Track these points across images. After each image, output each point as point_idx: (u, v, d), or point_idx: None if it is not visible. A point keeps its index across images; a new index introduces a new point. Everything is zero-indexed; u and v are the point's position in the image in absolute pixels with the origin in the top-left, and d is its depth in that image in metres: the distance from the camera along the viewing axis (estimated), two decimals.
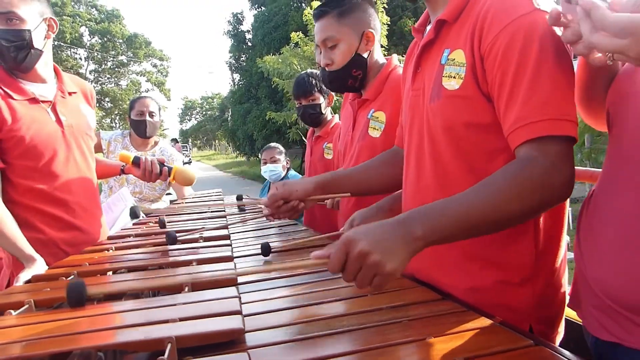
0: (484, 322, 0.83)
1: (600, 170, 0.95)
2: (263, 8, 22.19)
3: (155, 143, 3.05)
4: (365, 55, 1.69)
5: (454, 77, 1.01)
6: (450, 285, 1.05)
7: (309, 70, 2.67)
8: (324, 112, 2.55)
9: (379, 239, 0.81)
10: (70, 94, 1.84)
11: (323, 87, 2.48)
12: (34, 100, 1.69)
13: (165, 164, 2.04)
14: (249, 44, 25.01)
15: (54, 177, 1.71)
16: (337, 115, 2.64)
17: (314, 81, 2.53)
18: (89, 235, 1.81)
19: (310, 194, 1.39)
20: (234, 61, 27.71)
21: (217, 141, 66.07)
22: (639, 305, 0.78)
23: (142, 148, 2.98)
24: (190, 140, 58.99)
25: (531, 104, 0.88)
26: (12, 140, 1.61)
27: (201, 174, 24.75)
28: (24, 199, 1.65)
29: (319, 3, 11.65)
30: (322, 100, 2.52)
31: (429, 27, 1.15)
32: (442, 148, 1.06)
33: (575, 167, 0.92)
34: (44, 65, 1.75)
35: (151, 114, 2.92)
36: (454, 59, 1.02)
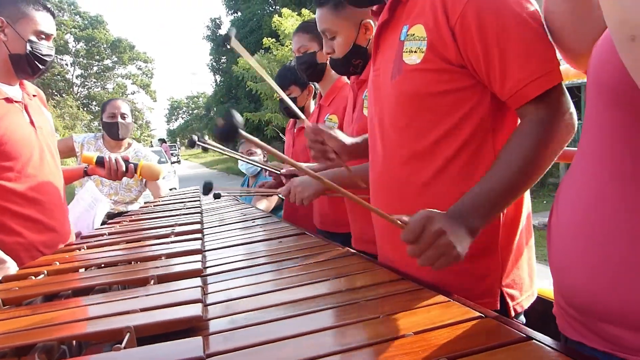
0: (439, 298, 0.86)
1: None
2: (239, 13, 22.84)
3: (129, 145, 3.04)
4: (364, 44, 1.69)
5: (415, 52, 1.04)
6: (412, 264, 1.04)
7: (287, 64, 2.67)
8: (301, 104, 2.56)
9: (452, 225, 0.88)
10: (32, 96, 1.85)
11: (301, 79, 2.49)
12: (9, 100, 1.69)
13: (130, 161, 2.04)
14: (228, 46, 25.63)
15: (30, 178, 1.70)
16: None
17: (289, 75, 2.54)
18: (62, 237, 1.81)
19: (344, 149, 1.37)
20: (214, 63, 28.23)
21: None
22: (587, 308, 0.78)
23: (115, 150, 2.96)
24: (178, 139, 58.71)
25: (528, 64, 0.93)
26: None
27: (189, 171, 25.73)
28: (1, 201, 1.63)
29: (287, 11, 11.85)
30: (299, 92, 2.53)
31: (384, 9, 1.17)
32: (401, 124, 1.10)
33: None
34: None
35: (123, 116, 2.91)
36: (414, 34, 1.04)
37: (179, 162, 29.74)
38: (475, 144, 1.03)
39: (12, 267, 1.48)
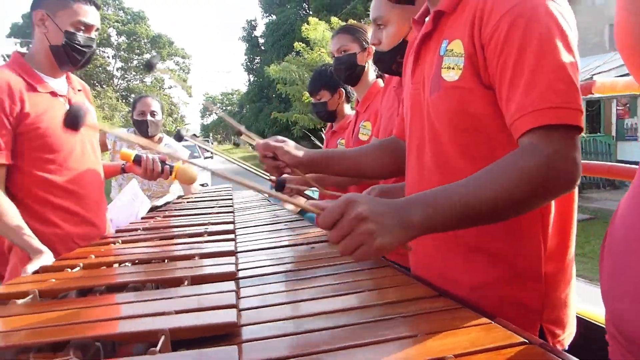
0: (480, 320, 0.83)
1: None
2: (273, 17, 23.62)
3: (160, 139, 3.08)
4: None
5: (453, 68, 0.99)
6: (453, 281, 1.03)
7: (322, 66, 2.67)
8: (332, 108, 2.55)
9: (380, 212, 0.80)
10: (77, 90, 1.89)
11: (332, 83, 2.49)
12: (54, 94, 1.73)
13: (167, 162, 2.06)
14: (262, 48, 26.67)
15: (70, 171, 1.74)
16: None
17: (320, 79, 2.54)
18: (100, 230, 1.86)
19: (299, 163, 1.34)
20: (248, 63, 29.21)
21: (236, 136, 67.22)
22: None
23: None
24: (211, 134, 59.89)
25: (534, 92, 0.85)
26: (33, 133, 1.64)
27: (220, 166, 26.16)
28: (41, 192, 1.68)
29: (315, 20, 12.13)
30: (329, 97, 2.53)
31: (427, 19, 1.14)
32: (443, 140, 1.04)
33: (590, 162, 0.90)
34: None
35: (152, 113, 2.94)
36: (452, 50, 1.00)
37: (211, 157, 30.32)
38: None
39: (48, 258, 1.51)
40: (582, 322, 1.29)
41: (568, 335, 1.04)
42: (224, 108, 68.07)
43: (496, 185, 0.84)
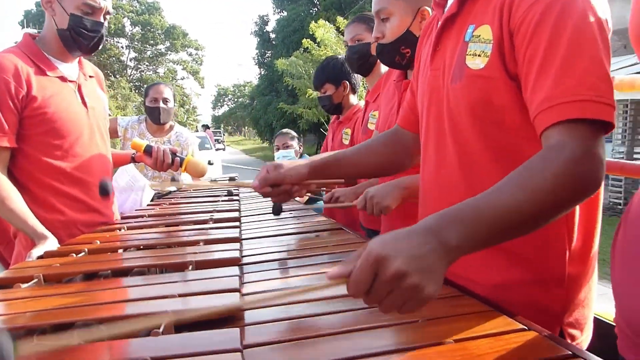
0: (480, 306, 0.83)
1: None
2: (285, 13, 24.23)
3: (171, 127, 3.08)
4: (417, 33, 1.57)
5: (479, 56, 0.93)
6: (473, 281, 0.98)
7: (325, 60, 2.68)
8: (337, 101, 2.55)
9: (415, 255, 0.66)
10: (89, 77, 1.86)
11: (336, 76, 2.50)
12: (63, 79, 1.71)
13: (177, 154, 2.05)
14: (273, 42, 27.29)
15: (77, 158, 1.72)
16: (362, 102, 2.65)
17: (323, 73, 2.55)
18: (105, 218, 1.84)
19: (305, 178, 1.28)
20: (259, 57, 30.00)
21: (246, 127, 67.50)
22: None
23: (158, 134, 3.01)
24: (222, 126, 60.22)
25: (563, 83, 0.79)
26: (39, 117, 1.61)
27: (231, 157, 28.39)
28: (45, 178, 1.66)
29: (322, 22, 12.34)
30: (333, 90, 2.53)
31: (450, 1, 1.05)
32: (465, 131, 0.98)
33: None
34: None
35: (165, 101, 2.94)
36: (480, 36, 0.93)
37: (224, 149, 30.79)
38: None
39: (53, 243, 1.51)
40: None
41: (586, 337, 1.00)
42: (236, 100, 68.44)
43: (531, 195, 0.75)
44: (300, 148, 3.53)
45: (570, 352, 0.64)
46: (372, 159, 1.36)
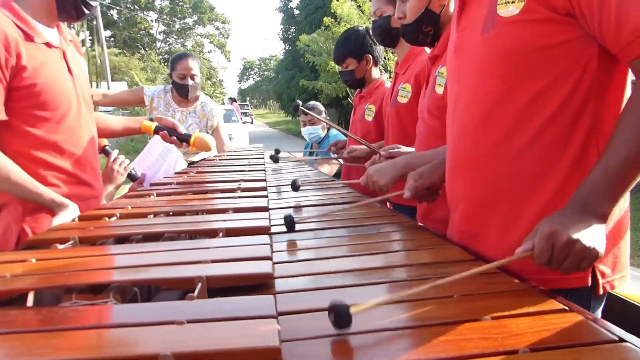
0: (517, 285, 0.82)
1: None
2: None
3: (196, 98, 3.06)
4: (437, 10, 1.59)
5: (512, 2, 0.93)
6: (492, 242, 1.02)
7: (344, 33, 2.60)
8: (360, 75, 2.50)
9: (579, 226, 0.81)
10: (69, 42, 1.69)
11: (358, 50, 2.44)
12: (49, 45, 1.53)
13: (181, 134, 2.07)
14: (297, 18, 27.84)
15: (66, 130, 1.58)
16: (385, 76, 2.59)
17: (344, 47, 2.48)
18: (95, 191, 1.73)
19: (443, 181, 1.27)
20: (284, 33, 30.67)
21: (271, 101, 67.77)
22: None
23: (183, 104, 3.00)
24: (247, 99, 60.60)
25: None
26: (29, 89, 1.46)
27: (255, 129, 30.23)
28: (36, 152, 1.52)
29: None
30: (356, 64, 2.47)
31: None
32: (497, 90, 0.98)
33: None
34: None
35: (193, 77, 2.91)
36: None
37: (251, 122, 31.42)
38: (574, 108, 0.92)
39: (74, 211, 1.49)
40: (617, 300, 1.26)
41: (619, 278, 1.02)
42: (262, 73, 68.66)
43: None
44: (326, 125, 3.47)
45: (617, 337, 0.62)
46: None
